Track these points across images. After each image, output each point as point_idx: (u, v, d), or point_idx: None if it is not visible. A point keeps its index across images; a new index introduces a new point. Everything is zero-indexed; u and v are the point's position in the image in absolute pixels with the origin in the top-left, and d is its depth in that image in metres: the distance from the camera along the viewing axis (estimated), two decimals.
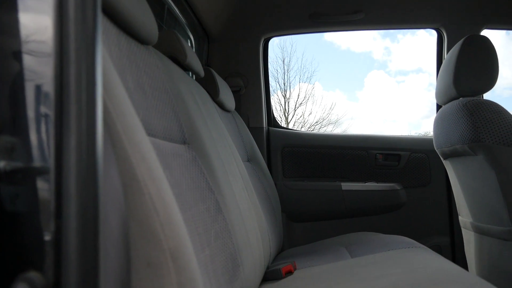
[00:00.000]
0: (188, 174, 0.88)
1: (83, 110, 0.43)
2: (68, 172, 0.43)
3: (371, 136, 2.36)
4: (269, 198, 1.87)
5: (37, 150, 0.46)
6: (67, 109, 0.43)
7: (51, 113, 0.44)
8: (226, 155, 1.28)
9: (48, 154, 0.44)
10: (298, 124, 13.54)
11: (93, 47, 0.44)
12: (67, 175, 0.43)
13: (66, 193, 0.43)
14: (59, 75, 0.44)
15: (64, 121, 0.43)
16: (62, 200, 0.43)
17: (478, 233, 1.75)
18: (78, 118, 0.43)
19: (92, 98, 0.45)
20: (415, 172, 2.26)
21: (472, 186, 1.72)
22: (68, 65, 0.44)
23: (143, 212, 0.52)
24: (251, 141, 2.02)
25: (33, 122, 0.46)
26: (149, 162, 0.55)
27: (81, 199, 0.43)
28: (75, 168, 0.43)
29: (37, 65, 0.47)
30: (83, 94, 0.44)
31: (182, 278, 0.53)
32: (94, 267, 0.42)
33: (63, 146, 0.43)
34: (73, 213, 0.43)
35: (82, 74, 0.45)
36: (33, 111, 0.46)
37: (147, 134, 0.77)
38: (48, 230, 0.43)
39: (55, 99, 0.44)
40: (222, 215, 0.97)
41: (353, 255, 1.55)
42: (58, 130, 0.43)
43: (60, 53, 0.43)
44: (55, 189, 0.44)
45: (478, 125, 1.55)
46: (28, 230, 0.45)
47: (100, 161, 0.45)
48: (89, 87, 0.45)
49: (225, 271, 0.89)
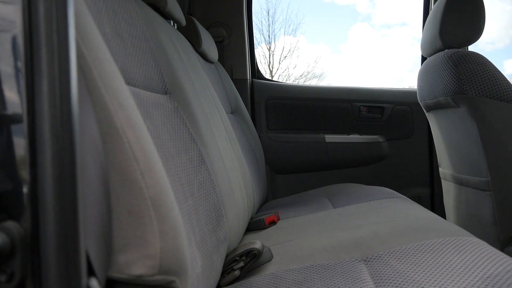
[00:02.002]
0: (170, 125, 0.87)
1: (54, 53, 0.41)
2: (41, 118, 0.41)
3: (355, 89, 2.35)
4: (253, 150, 1.87)
5: (7, 96, 0.44)
6: (38, 52, 0.40)
7: (21, 56, 0.41)
8: (209, 107, 1.26)
9: (20, 100, 0.42)
10: (282, 78, 13.44)
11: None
12: (40, 122, 0.41)
13: (40, 141, 0.41)
14: (28, 16, 0.41)
15: (34, 65, 0.40)
16: (36, 148, 0.42)
17: (457, 184, 1.79)
18: (50, 62, 0.40)
19: (64, 40, 0.42)
20: (398, 125, 2.27)
21: (454, 138, 1.74)
22: (37, 4, 0.42)
23: (123, 161, 0.51)
24: (234, 93, 2.00)
25: (1, 66, 0.44)
26: (127, 109, 0.53)
27: (57, 146, 0.41)
28: (49, 114, 0.41)
29: (3, 5, 0.44)
30: (54, 36, 0.41)
31: (164, 227, 0.53)
32: (73, 215, 0.41)
33: (35, 91, 0.41)
34: (49, 161, 0.41)
35: (52, 14, 0.42)
36: (2, 54, 0.44)
37: (126, 83, 0.75)
38: (24, 179, 0.42)
39: (24, 41, 0.41)
40: (205, 166, 0.96)
41: (335, 205, 1.58)
42: (29, 74, 0.41)
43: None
44: (29, 137, 0.42)
45: (462, 77, 1.54)
46: (3, 180, 0.44)
47: (75, 108, 0.43)
48: (60, 29, 0.42)
49: (209, 220, 0.89)
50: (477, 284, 0.71)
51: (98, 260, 0.48)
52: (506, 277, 0.72)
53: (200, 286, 0.72)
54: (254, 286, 0.88)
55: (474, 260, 0.81)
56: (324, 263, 0.93)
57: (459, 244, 0.91)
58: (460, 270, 0.77)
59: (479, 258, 0.82)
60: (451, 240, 0.93)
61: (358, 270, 0.87)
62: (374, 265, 0.89)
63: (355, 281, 0.81)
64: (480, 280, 0.72)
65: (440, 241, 0.93)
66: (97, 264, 0.47)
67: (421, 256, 0.87)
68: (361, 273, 0.86)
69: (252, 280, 0.92)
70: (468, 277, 0.74)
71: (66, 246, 0.41)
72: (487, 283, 0.71)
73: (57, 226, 0.40)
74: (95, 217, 0.48)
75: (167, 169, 0.73)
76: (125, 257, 0.52)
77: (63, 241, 0.40)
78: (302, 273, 0.90)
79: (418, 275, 0.78)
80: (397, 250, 0.93)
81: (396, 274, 0.81)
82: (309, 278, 0.86)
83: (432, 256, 0.86)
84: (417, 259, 0.86)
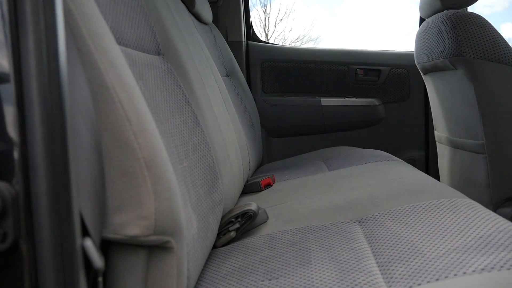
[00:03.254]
0: (163, 86, 0.85)
1: (39, 8, 0.39)
2: (28, 76, 0.40)
3: (352, 51, 2.32)
4: (248, 113, 1.86)
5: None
6: (21, 6, 0.39)
7: (4, 11, 0.40)
8: (204, 68, 1.23)
9: (6, 58, 0.41)
10: (278, 41, 13.24)
11: None
12: (27, 80, 0.40)
13: (28, 100, 0.40)
14: None
15: (19, 20, 0.39)
16: (24, 108, 0.40)
17: (452, 147, 1.80)
18: (35, 16, 0.39)
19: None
20: (394, 88, 2.26)
21: (450, 101, 1.73)
22: None
23: (115, 121, 0.50)
24: (229, 55, 1.96)
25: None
26: (118, 68, 0.52)
27: (45, 106, 0.40)
28: (36, 72, 0.40)
29: None
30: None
31: (159, 187, 0.53)
32: (64, 176, 0.41)
33: (21, 48, 0.39)
34: (38, 122, 0.40)
35: None
36: None
37: (117, 43, 0.72)
38: (13, 140, 0.41)
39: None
40: (200, 128, 0.95)
41: (331, 168, 1.59)
42: (14, 30, 0.39)
43: None
44: (16, 96, 0.41)
45: (460, 39, 1.52)
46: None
47: (63, 65, 0.42)
48: None
49: (204, 182, 0.89)
50: (470, 244, 0.72)
51: (92, 221, 0.47)
52: (499, 237, 0.73)
53: (195, 246, 0.72)
54: (249, 247, 0.89)
55: (467, 221, 0.82)
56: (319, 224, 0.94)
57: (453, 205, 0.91)
58: (453, 230, 0.78)
59: (472, 219, 0.82)
60: (445, 202, 0.94)
61: (352, 231, 0.88)
62: (369, 226, 0.89)
63: (349, 241, 0.82)
64: (473, 240, 0.73)
65: (434, 202, 0.94)
66: (91, 224, 0.47)
67: (415, 217, 0.88)
68: (356, 233, 0.86)
69: (247, 241, 0.92)
70: (462, 237, 0.75)
71: (58, 206, 0.40)
72: (480, 242, 0.72)
73: (48, 187, 0.39)
74: (88, 178, 0.47)
75: (161, 131, 0.72)
76: (120, 218, 0.51)
77: (55, 201, 0.40)
78: (297, 234, 0.91)
79: (412, 235, 0.79)
80: (392, 211, 0.94)
81: (390, 234, 0.82)
82: (304, 239, 0.87)
83: (426, 217, 0.87)
84: (411, 219, 0.87)
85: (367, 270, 0.70)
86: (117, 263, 0.54)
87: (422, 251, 0.72)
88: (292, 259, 0.78)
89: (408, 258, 0.71)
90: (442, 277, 0.63)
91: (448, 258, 0.68)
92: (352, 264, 0.73)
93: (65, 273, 0.42)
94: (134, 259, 0.55)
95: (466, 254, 0.68)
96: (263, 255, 0.83)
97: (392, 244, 0.77)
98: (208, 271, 0.82)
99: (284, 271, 0.74)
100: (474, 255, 0.68)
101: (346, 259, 0.75)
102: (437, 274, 0.64)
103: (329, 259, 0.76)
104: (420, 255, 0.71)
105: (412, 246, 0.75)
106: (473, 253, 0.68)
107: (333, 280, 0.68)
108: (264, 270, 0.76)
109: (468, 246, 0.71)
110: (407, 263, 0.70)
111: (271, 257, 0.81)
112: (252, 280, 0.73)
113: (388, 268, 0.70)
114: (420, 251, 0.72)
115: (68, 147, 0.41)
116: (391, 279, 0.66)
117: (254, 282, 0.72)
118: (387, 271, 0.69)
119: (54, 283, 0.41)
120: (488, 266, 0.64)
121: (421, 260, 0.69)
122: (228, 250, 0.90)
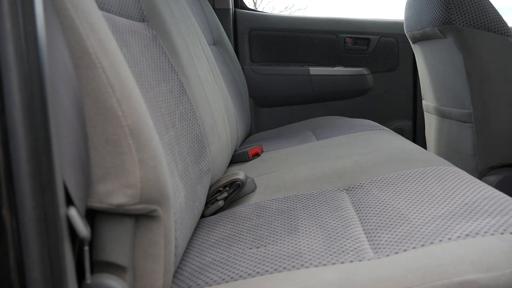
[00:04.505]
0: (148, 53, 0.83)
1: None
2: (4, 40, 0.38)
3: (341, 20, 2.29)
4: (236, 83, 1.84)
5: None
6: None
7: None
8: (190, 36, 1.21)
9: None
10: (266, 10, 13.03)
11: None
12: (3, 43, 0.38)
13: (4, 64, 0.39)
14: None
15: None
16: (1, 72, 0.39)
17: (440, 116, 1.81)
18: None
19: None
20: (383, 57, 2.24)
21: (439, 69, 1.73)
22: None
23: (97, 87, 0.48)
24: (217, 23, 1.93)
25: None
26: (99, 33, 0.50)
27: (23, 70, 0.39)
28: (12, 35, 0.38)
29: None
30: None
31: (144, 155, 0.52)
32: (45, 142, 0.40)
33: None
34: (15, 87, 0.39)
35: None
36: None
37: (100, 8, 0.70)
38: None
39: None
40: (186, 97, 0.94)
41: (319, 137, 1.59)
42: None
43: None
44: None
45: (450, 6, 1.50)
46: None
47: (41, 29, 0.40)
48: None
49: (191, 152, 0.88)
50: (456, 210, 0.72)
51: (76, 190, 0.47)
52: (483, 203, 0.74)
53: (183, 215, 0.72)
54: (237, 216, 0.89)
55: (453, 188, 0.83)
56: (306, 193, 0.95)
57: (440, 173, 0.92)
58: (439, 198, 0.79)
59: (458, 186, 0.83)
60: (432, 170, 0.94)
61: (340, 199, 0.89)
62: (356, 194, 0.90)
63: (337, 209, 0.83)
64: (458, 206, 0.74)
65: (421, 171, 0.94)
66: (75, 193, 0.46)
67: (402, 185, 0.89)
68: (343, 201, 0.87)
69: (235, 210, 0.93)
70: (447, 204, 0.76)
71: (40, 174, 0.39)
72: (465, 209, 0.73)
73: (28, 153, 0.38)
74: (71, 146, 0.46)
75: (146, 99, 0.70)
76: (105, 187, 0.51)
77: (37, 169, 0.39)
78: (285, 202, 0.91)
79: (399, 203, 0.80)
80: (379, 179, 0.95)
81: (377, 202, 0.82)
82: (292, 207, 0.88)
83: (412, 185, 0.88)
84: (398, 187, 0.88)
85: (354, 237, 0.71)
86: (103, 232, 0.54)
87: (408, 218, 0.73)
88: (280, 227, 0.78)
89: (395, 225, 0.72)
90: (428, 243, 0.64)
91: (434, 225, 0.69)
92: (339, 231, 0.73)
93: (49, 242, 0.41)
94: (121, 228, 0.54)
95: (451, 221, 0.69)
96: (251, 223, 0.83)
97: (379, 212, 0.78)
98: (196, 240, 0.82)
99: (272, 238, 0.74)
100: (459, 222, 0.68)
101: (333, 226, 0.75)
102: (423, 240, 0.65)
103: (316, 227, 0.76)
104: (406, 222, 0.72)
105: (398, 213, 0.75)
106: (458, 220, 0.69)
107: (320, 247, 0.68)
108: (252, 238, 0.76)
109: (453, 213, 0.72)
110: (393, 229, 0.70)
111: (259, 225, 0.81)
112: (240, 248, 0.73)
113: (374, 235, 0.70)
114: (406, 218, 0.73)
115: (49, 113, 0.40)
116: (378, 245, 0.67)
117: (242, 249, 0.73)
118: (374, 237, 0.70)
119: (38, 252, 0.40)
120: (472, 231, 0.65)
121: (407, 226, 0.70)
122: (216, 219, 0.91)
